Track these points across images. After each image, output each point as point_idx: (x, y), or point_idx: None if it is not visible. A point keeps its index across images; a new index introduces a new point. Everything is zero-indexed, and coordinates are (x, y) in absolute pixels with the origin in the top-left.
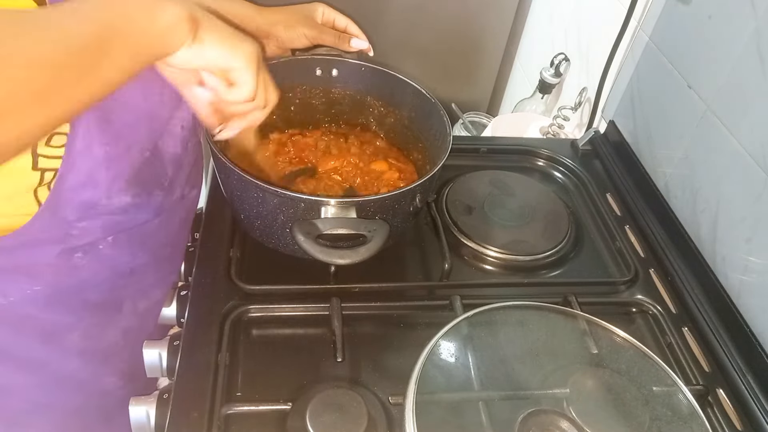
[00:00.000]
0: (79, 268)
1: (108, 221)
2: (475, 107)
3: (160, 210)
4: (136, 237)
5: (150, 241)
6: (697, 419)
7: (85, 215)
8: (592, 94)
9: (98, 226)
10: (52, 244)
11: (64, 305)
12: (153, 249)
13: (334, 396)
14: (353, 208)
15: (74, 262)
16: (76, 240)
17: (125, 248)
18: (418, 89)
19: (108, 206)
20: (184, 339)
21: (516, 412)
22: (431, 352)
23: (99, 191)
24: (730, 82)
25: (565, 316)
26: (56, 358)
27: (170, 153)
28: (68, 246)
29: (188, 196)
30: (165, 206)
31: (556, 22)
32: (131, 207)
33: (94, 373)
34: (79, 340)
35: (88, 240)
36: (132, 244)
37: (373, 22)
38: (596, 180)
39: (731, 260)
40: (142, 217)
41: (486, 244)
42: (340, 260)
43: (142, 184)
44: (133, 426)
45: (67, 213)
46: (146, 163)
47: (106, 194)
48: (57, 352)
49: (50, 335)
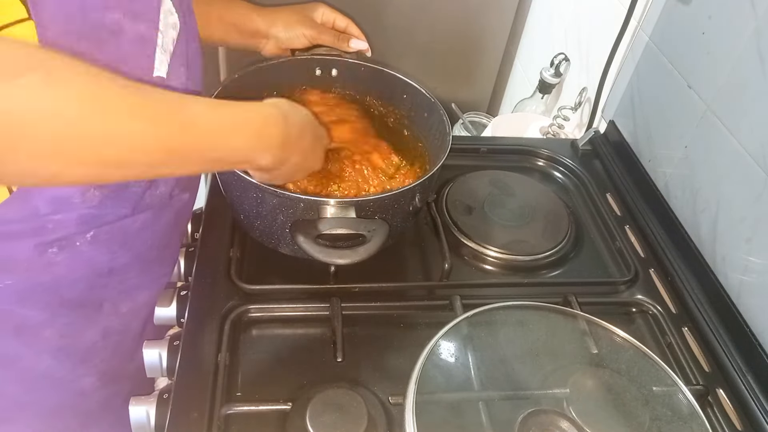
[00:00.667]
0: (54, 264)
1: (84, 215)
2: (475, 107)
3: (139, 206)
4: (116, 235)
5: (132, 241)
6: (697, 419)
7: (59, 209)
8: (592, 94)
9: (73, 219)
10: (26, 237)
11: (39, 301)
12: (136, 250)
13: (334, 396)
14: (352, 208)
15: (48, 257)
16: (51, 233)
17: (104, 246)
18: (418, 89)
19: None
20: (184, 339)
21: (516, 412)
22: (431, 352)
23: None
24: (730, 82)
25: (565, 316)
26: (30, 354)
27: None
28: (43, 240)
29: (178, 197)
30: (147, 202)
31: (556, 22)
32: (106, 198)
33: (72, 372)
34: (55, 337)
35: (63, 234)
36: (112, 243)
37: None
38: (596, 180)
39: (731, 260)
40: (120, 211)
41: (486, 244)
42: (340, 260)
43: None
44: (133, 426)
45: (40, 205)
46: None
47: (80, 188)
48: (31, 347)
49: (23, 330)
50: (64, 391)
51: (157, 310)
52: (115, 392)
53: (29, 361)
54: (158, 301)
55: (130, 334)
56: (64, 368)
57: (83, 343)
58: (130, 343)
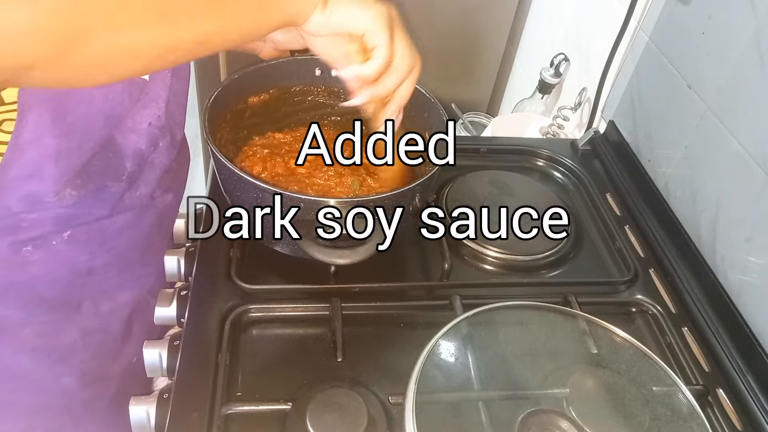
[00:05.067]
0: (30, 262)
1: (60, 214)
2: (475, 107)
3: (119, 206)
4: (94, 235)
5: (111, 241)
6: (697, 419)
7: (32, 208)
8: (592, 94)
9: (49, 218)
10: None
11: (15, 300)
12: (116, 250)
13: (334, 396)
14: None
15: (23, 256)
16: (25, 232)
17: (82, 246)
18: (418, 89)
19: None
20: (184, 339)
21: (516, 412)
22: (431, 352)
23: (46, 185)
24: (730, 82)
25: (565, 316)
26: (7, 354)
27: (131, 148)
28: (17, 238)
29: (160, 198)
30: (126, 203)
31: (556, 22)
32: (82, 198)
33: (51, 371)
34: (32, 336)
35: (39, 233)
36: (90, 243)
37: None
38: (596, 180)
39: (731, 260)
40: (97, 212)
41: (486, 244)
42: (340, 260)
43: (93, 176)
44: (133, 426)
45: (12, 203)
46: (97, 156)
47: (53, 189)
48: (8, 347)
49: (0, 329)
50: (45, 391)
51: (157, 310)
52: (99, 393)
53: (7, 361)
54: (158, 301)
55: (111, 334)
56: (42, 368)
57: (62, 342)
58: (112, 344)
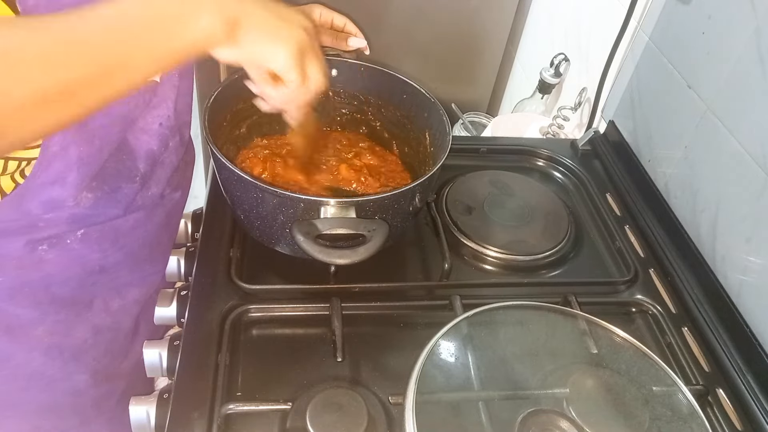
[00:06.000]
0: (44, 261)
1: (75, 214)
2: (475, 107)
3: (132, 206)
4: (107, 234)
5: (123, 240)
6: (696, 419)
7: (50, 210)
8: (592, 94)
9: (64, 217)
10: (16, 236)
11: (29, 299)
12: (128, 248)
13: (334, 396)
14: (352, 208)
15: (39, 255)
16: (41, 231)
17: (95, 244)
18: (418, 89)
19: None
20: (184, 339)
21: (516, 412)
22: (431, 352)
23: (67, 191)
24: (730, 82)
25: (565, 316)
26: (21, 352)
27: (144, 149)
28: (33, 237)
29: (169, 197)
30: (138, 203)
31: (556, 22)
32: (98, 200)
33: (63, 370)
34: (45, 335)
35: (54, 232)
36: (102, 241)
37: (373, 22)
38: (596, 180)
39: (731, 260)
40: (111, 212)
41: (486, 244)
42: (340, 260)
43: (107, 178)
44: (133, 426)
45: (33, 207)
46: (112, 158)
47: (73, 194)
48: (22, 345)
49: (14, 328)
50: (57, 389)
51: (157, 310)
52: (109, 391)
53: (20, 359)
54: (158, 301)
55: (121, 332)
56: (55, 366)
57: (74, 340)
58: (123, 341)
